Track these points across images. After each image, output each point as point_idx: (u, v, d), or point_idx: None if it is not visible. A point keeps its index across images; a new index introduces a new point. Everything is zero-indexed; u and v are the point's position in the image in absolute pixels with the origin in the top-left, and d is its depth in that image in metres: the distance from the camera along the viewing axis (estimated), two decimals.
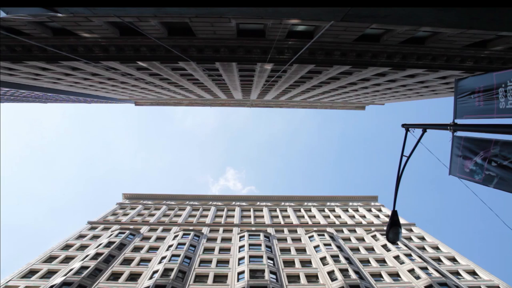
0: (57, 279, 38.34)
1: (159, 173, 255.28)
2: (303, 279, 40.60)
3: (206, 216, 69.70)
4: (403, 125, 9.43)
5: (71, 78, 34.26)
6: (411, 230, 59.76)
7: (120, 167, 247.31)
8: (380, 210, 74.26)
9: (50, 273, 41.47)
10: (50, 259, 45.53)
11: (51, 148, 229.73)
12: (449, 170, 7.92)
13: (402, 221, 62.32)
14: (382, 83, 34.88)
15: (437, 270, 41.83)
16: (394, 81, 33.22)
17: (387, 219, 65.30)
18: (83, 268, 40.70)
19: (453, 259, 47.58)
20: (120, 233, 54.12)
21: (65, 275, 39.03)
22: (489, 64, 23.37)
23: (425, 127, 8.64)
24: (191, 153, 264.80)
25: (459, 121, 7.60)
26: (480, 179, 6.82)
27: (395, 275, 42.43)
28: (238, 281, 39.36)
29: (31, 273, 41.22)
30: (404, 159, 9.46)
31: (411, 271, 42.18)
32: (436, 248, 51.78)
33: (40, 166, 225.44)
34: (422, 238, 56.11)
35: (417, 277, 40.52)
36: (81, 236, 54.80)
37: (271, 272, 41.05)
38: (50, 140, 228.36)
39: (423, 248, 51.53)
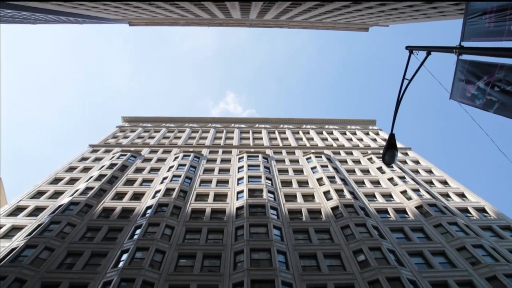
0: (65, 199, 40.06)
1: (157, 97, 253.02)
2: (299, 198, 42.42)
3: (205, 138, 70.64)
4: (407, 47, 9.13)
5: None
6: (406, 154, 61.11)
7: (118, 91, 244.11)
8: (377, 134, 75.17)
9: (57, 194, 43.18)
10: (56, 180, 47.03)
11: (45, 74, 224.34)
12: (450, 94, 7.85)
13: (398, 145, 63.30)
14: (387, 3, 32.64)
15: (428, 192, 43.61)
16: (400, 1, 31.07)
17: (384, 143, 66.38)
18: (88, 188, 42.26)
19: (444, 182, 49.36)
20: (121, 155, 55.19)
21: (72, 195, 40.71)
22: None
23: (429, 50, 8.38)
24: (190, 76, 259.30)
25: (465, 44, 7.28)
26: (481, 104, 6.79)
27: (388, 196, 44.36)
28: (237, 199, 41.09)
29: (39, 194, 42.87)
30: (406, 82, 9.31)
31: (404, 192, 43.99)
32: (429, 172, 53.42)
33: (35, 92, 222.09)
34: (417, 162, 57.58)
35: (409, 198, 42.39)
36: (83, 159, 55.97)
37: (269, 192, 42.65)
38: (42, 65, 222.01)
39: (416, 171, 53.16)
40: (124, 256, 29.54)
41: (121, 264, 28.34)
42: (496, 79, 6.33)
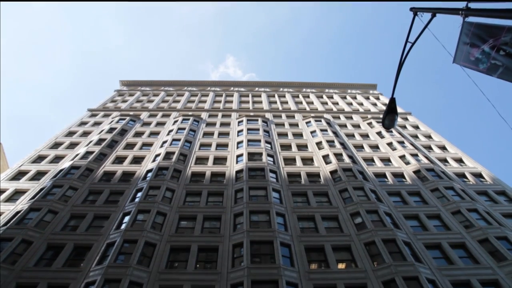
0: (65, 164, 40.33)
1: (156, 60, 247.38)
2: (298, 162, 42.77)
3: (204, 101, 70.16)
4: (411, 9, 8.80)
5: None
6: (406, 119, 61.00)
7: (115, 55, 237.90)
8: (378, 99, 74.60)
9: (57, 158, 43.41)
10: (56, 145, 47.15)
11: (41, 36, 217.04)
12: (454, 58, 7.63)
13: (398, 109, 62.96)
14: None
15: (426, 157, 43.91)
16: None
17: (384, 108, 66.06)
18: (88, 153, 42.44)
19: (443, 148, 49.64)
20: (120, 119, 55.03)
21: (72, 159, 40.93)
22: None
23: (434, 11, 8.07)
24: (190, 40, 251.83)
25: (473, 6, 6.99)
26: (485, 68, 6.61)
27: (386, 160, 44.71)
28: (237, 163, 41.40)
29: (40, 158, 43.09)
30: (408, 45, 9.08)
31: (402, 157, 44.27)
32: (429, 137, 53.58)
33: (32, 54, 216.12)
34: (416, 127, 57.60)
35: (407, 163, 42.75)
36: (82, 123, 55.83)
37: (269, 155, 42.89)
38: (39, 26, 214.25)
39: (416, 136, 53.26)
40: (126, 219, 30.23)
41: (123, 226, 29.03)
42: (502, 42, 6.11)
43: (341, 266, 26.75)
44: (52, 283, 24.09)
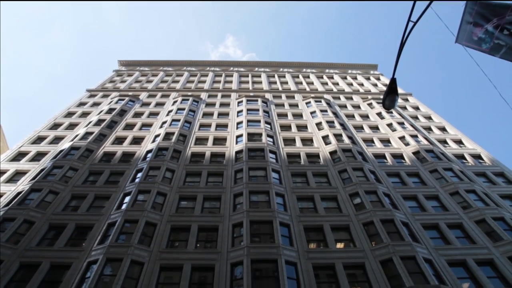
0: (65, 144, 40.33)
1: (154, 40, 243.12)
2: (298, 142, 42.82)
3: (204, 82, 69.63)
4: None
5: None
6: (406, 100, 60.69)
7: (112, 34, 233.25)
8: (378, 79, 73.99)
9: (57, 139, 43.37)
10: (55, 126, 47.05)
11: (36, 18, 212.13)
12: (456, 37, 7.55)
13: (399, 90, 62.58)
14: None
15: (426, 138, 43.87)
16: None
17: (384, 88, 65.62)
18: (88, 133, 42.41)
19: (443, 129, 49.57)
20: (119, 99, 54.70)
21: (72, 140, 40.92)
22: None
23: None
24: (189, 19, 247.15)
25: None
26: (488, 48, 6.58)
27: (386, 141, 44.73)
28: (236, 143, 41.43)
29: (39, 139, 43.01)
30: (411, 25, 8.96)
31: (402, 138, 44.25)
32: (429, 118, 53.42)
33: (28, 36, 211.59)
34: (417, 108, 57.39)
35: (407, 144, 42.76)
36: (81, 104, 55.52)
37: (268, 136, 42.89)
38: (33, 8, 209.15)
39: (416, 117, 53.12)
40: (127, 199, 30.42)
41: (124, 206, 29.24)
42: (506, 21, 6.06)
43: (340, 245, 27.13)
44: (55, 262, 24.48)
